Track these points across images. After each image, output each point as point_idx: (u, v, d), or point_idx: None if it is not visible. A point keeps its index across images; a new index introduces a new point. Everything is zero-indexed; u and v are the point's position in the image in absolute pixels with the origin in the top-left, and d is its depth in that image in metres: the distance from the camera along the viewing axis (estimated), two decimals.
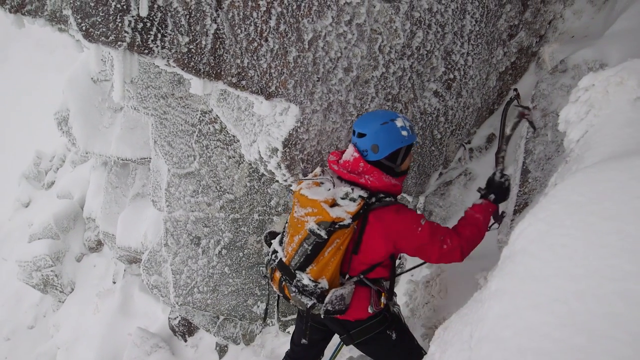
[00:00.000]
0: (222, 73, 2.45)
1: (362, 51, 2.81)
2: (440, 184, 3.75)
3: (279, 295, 3.06)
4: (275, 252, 2.59)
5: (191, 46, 2.30)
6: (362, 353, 3.17)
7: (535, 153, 3.00)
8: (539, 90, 3.09)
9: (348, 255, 2.38)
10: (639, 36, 2.75)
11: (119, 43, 2.15)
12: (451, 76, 3.26)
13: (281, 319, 5.15)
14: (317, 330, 2.85)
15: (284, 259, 2.46)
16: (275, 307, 4.98)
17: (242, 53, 2.45)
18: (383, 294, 2.48)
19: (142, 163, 6.31)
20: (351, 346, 2.73)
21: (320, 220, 2.26)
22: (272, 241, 2.71)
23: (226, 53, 2.41)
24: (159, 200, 5.26)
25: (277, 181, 3.18)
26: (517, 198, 3.02)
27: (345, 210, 2.25)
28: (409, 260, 3.68)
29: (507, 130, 2.83)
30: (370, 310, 2.46)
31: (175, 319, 6.20)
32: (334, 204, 2.29)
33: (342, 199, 2.31)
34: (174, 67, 2.34)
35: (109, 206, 7.24)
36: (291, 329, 4.96)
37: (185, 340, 6.18)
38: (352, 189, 2.34)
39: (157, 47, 2.22)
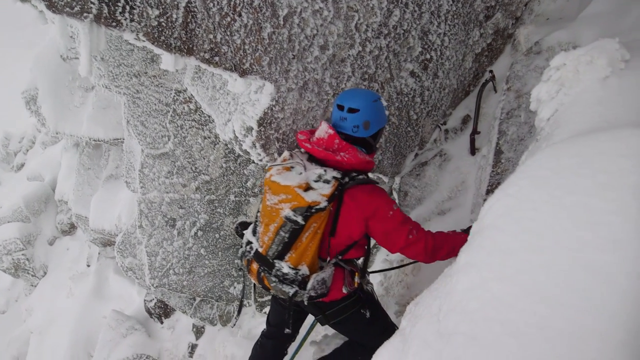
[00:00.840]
0: (194, 48, 2.39)
1: (339, 29, 2.77)
2: (415, 165, 3.78)
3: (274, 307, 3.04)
4: (249, 243, 2.52)
5: (161, 19, 2.22)
6: (336, 331, 3.20)
7: (509, 134, 3.04)
8: (514, 71, 3.12)
9: (325, 238, 2.36)
10: (611, 19, 2.79)
11: (85, 15, 2.06)
12: (428, 56, 3.26)
13: (258, 299, 5.16)
14: (293, 313, 2.86)
15: (260, 250, 2.40)
16: (252, 288, 4.98)
17: (214, 28, 2.39)
18: (356, 273, 2.50)
19: (115, 144, 6.16)
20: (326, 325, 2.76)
21: (296, 206, 2.20)
22: (244, 232, 2.64)
23: (198, 27, 2.34)
24: (132, 182, 5.16)
25: (253, 162, 3.15)
26: (490, 178, 3.06)
27: (320, 193, 2.21)
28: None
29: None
30: (344, 291, 2.47)
31: (151, 301, 6.15)
32: (308, 188, 2.24)
33: (316, 181, 2.27)
34: (144, 41, 2.26)
35: (81, 188, 7.07)
36: (267, 309, 4.98)
37: (162, 322, 6.15)
38: (325, 170, 2.31)
39: (125, 19, 2.14)
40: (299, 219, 2.20)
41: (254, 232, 2.55)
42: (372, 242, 2.68)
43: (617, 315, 0.99)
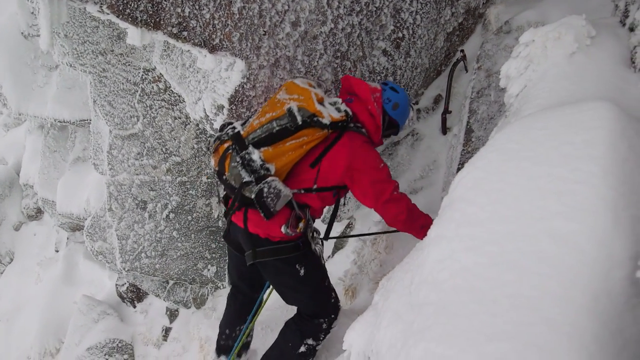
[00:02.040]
0: (162, 22, 2.31)
1: (310, 5, 2.73)
2: (388, 144, 3.79)
3: (229, 257, 2.98)
4: (232, 127, 2.47)
5: None
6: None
7: (479, 113, 3.08)
8: (484, 50, 3.15)
9: (303, 165, 2.35)
10: None
11: None
12: (400, 35, 3.25)
13: None
14: (236, 259, 2.75)
15: (242, 132, 2.36)
16: (226, 269, 4.97)
17: (182, 1, 2.32)
18: (303, 219, 2.39)
19: (81, 125, 5.95)
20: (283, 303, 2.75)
21: (303, 106, 2.27)
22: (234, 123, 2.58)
23: (165, 1, 2.26)
24: (100, 164, 5.02)
25: None
26: (461, 157, 3.10)
27: (329, 114, 2.31)
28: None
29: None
30: (282, 230, 2.32)
31: (123, 285, 6.05)
32: (321, 102, 2.34)
33: (330, 104, 2.40)
34: (108, 14, 2.18)
35: (47, 171, 6.83)
36: None
37: (134, 306, 6.07)
38: (342, 102, 2.44)
39: None
40: (299, 119, 2.24)
41: (243, 124, 2.52)
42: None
43: (580, 281, 1.03)
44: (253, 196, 2.19)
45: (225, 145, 2.37)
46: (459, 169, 3.16)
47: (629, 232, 1.06)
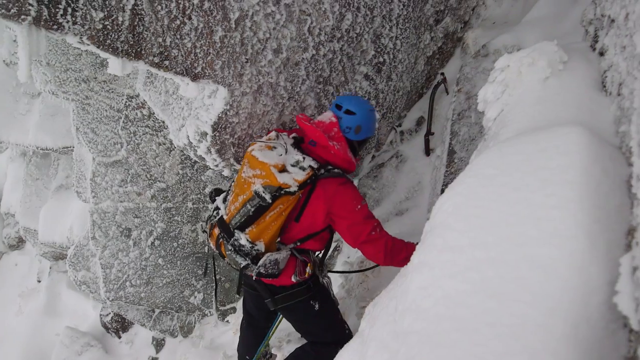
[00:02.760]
0: (143, 52, 2.32)
1: (292, 32, 2.77)
2: (373, 167, 3.82)
3: (216, 284, 3.13)
4: (217, 208, 2.59)
5: (107, 22, 2.15)
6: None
7: (461, 134, 3.12)
8: (463, 73, 3.21)
9: (289, 222, 2.43)
10: (552, 22, 2.92)
11: (23, 17, 1.96)
12: (381, 59, 3.30)
13: (220, 308, 5.06)
14: (252, 297, 2.90)
15: (225, 217, 2.46)
16: (214, 296, 4.89)
17: (164, 31, 2.33)
18: (309, 264, 2.54)
19: (64, 152, 5.89)
20: (291, 327, 2.82)
21: (267, 184, 2.29)
22: (217, 198, 2.71)
23: (146, 31, 2.28)
24: (83, 192, 4.96)
25: (211, 167, 3.09)
26: (444, 178, 3.13)
27: (294, 178, 2.32)
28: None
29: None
30: (293, 279, 2.50)
31: (107, 315, 5.92)
32: (283, 170, 2.35)
33: (292, 166, 2.39)
34: (88, 44, 2.18)
35: (29, 200, 6.72)
36: (230, 317, 4.90)
37: (119, 337, 5.93)
38: (304, 158, 2.42)
39: (67, 22, 2.05)
40: (267, 197, 2.27)
41: (225, 200, 2.62)
42: (335, 236, 2.71)
43: (559, 308, 1.03)
44: (254, 277, 2.38)
45: (216, 231, 2.51)
46: (442, 191, 3.18)
47: (605, 257, 1.08)
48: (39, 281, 7.65)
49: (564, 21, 2.75)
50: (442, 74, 3.73)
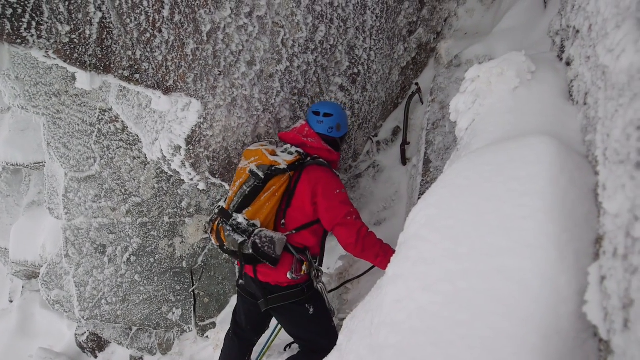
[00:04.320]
0: (112, 66, 2.28)
1: (265, 44, 2.76)
2: (350, 177, 3.82)
3: (195, 299, 3.15)
4: (219, 206, 2.75)
5: (73, 36, 2.10)
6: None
7: (436, 144, 3.15)
8: (437, 84, 3.25)
9: (282, 210, 2.58)
10: (522, 33, 2.98)
11: None
12: (355, 70, 3.32)
13: (199, 324, 4.96)
14: (246, 304, 2.90)
15: (224, 206, 2.66)
16: (193, 311, 4.79)
17: (133, 44, 2.30)
18: (305, 263, 2.60)
19: (36, 168, 5.74)
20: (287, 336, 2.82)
21: (260, 163, 2.57)
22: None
23: (115, 44, 2.24)
24: (56, 208, 4.82)
25: (185, 181, 3.05)
26: (421, 187, 3.15)
27: (284, 159, 2.60)
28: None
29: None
30: (289, 276, 2.55)
31: (82, 334, 5.74)
32: (274, 154, 2.64)
33: (282, 152, 2.69)
34: (55, 59, 2.13)
35: None
36: (210, 333, 4.80)
37: (96, 357, 5.75)
38: (291, 146, 2.74)
39: (32, 36, 2.00)
40: (260, 174, 2.52)
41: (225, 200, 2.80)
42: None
43: (530, 319, 1.03)
44: (251, 251, 2.43)
45: (216, 222, 2.64)
46: (419, 199, 3.20)
47: (574, 267, 1.08)
48: (11, 301, 7.39)
49: (533, 31, 2.81)
50: (417, 84, 3.78)
